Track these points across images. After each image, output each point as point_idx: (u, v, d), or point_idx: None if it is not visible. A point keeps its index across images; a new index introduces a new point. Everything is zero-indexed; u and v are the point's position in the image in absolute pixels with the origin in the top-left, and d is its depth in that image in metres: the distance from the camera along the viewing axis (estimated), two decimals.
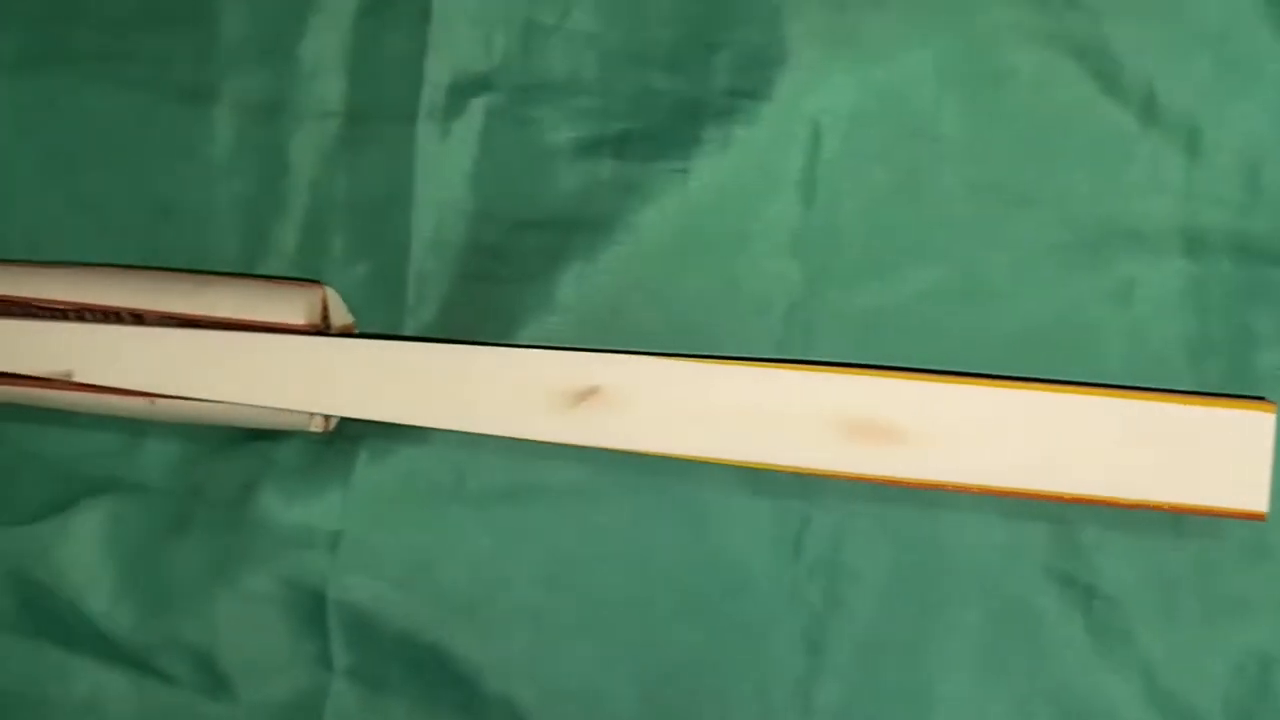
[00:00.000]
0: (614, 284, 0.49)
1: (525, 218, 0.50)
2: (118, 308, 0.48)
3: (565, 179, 0.50)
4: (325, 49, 0.52)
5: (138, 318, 0.48)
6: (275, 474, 0.51)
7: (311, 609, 0.50)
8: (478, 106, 0.50)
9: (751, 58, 0.48)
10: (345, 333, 0.49)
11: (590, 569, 0.49)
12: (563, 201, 0.50)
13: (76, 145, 0.54)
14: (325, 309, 0.49)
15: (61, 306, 0.48)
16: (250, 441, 0.52)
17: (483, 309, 0.50)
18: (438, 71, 0.51)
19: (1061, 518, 0.46)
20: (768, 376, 0.43)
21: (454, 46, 0.51)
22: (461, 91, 0.51)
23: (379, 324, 0.51)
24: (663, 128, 0.49)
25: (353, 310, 0.50)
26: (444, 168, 0.51)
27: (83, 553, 0.52)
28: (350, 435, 0.50)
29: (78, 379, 0.47)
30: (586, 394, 0.44)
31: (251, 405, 0.47)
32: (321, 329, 0.48)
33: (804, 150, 0.48)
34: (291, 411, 0.47)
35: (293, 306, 0.48)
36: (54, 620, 0.52)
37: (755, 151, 0.48)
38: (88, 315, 0.48)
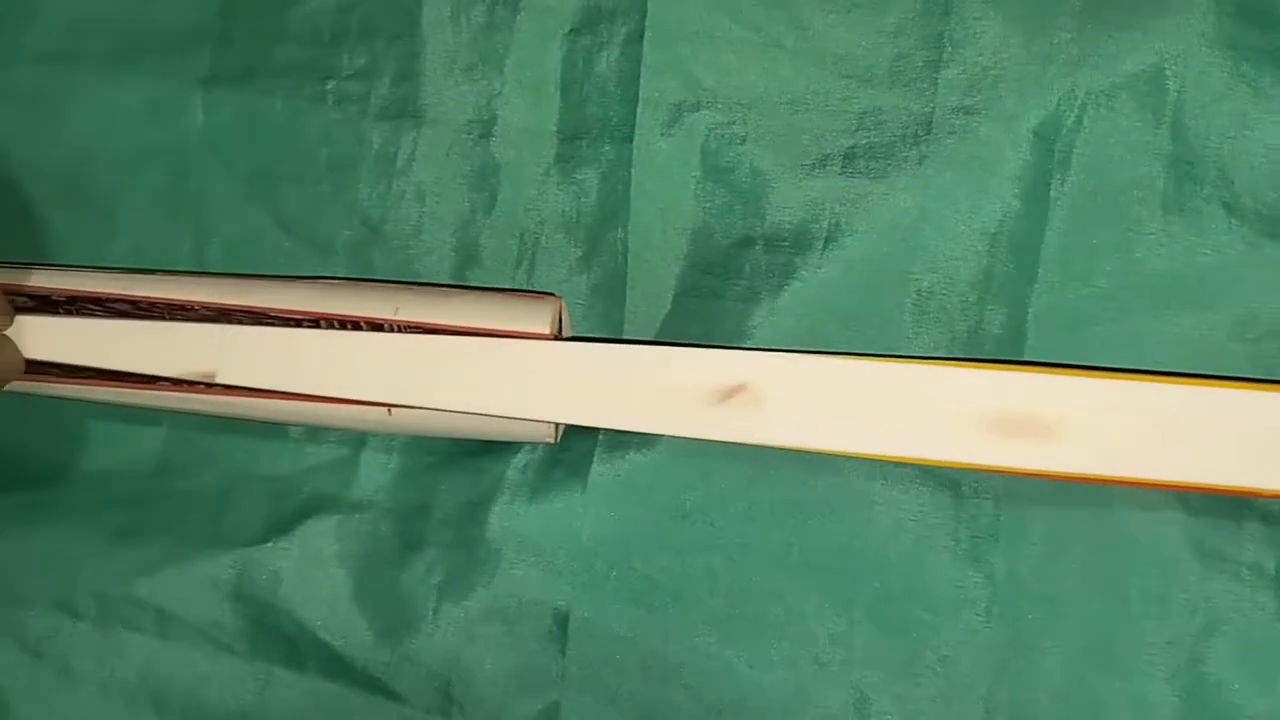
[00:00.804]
0: (840, 302, 0.50)
1: (746, 235, 0.51)
2: (356, 317, 0.48)
3: (788, 196, 0.51)
4: (535, 66, 0.53)
5: (376, 328, 0.48)
6: (507, 488, 0.51)
7: (547, 626, 0.50)
8: (696, 124, 0.51)
9: (978, 75, 0.49)
10: None
11: (829, 582, 0.49)
12: (786, 219, 0.51)
13: (281, 162, 0.54)
14: (560, 321, 0.49)
15: (297, 316, 0.49)
16: (476, 456, 0.52)
17: (703, 328, 0.51)
18: (654, 90, 0.52)
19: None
20: (911, 372, 0.44)
21: (670, 64, 0.52)
22: (678, 109, 0.51)
23: None
24: (889, 145, 0.50)
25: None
26: (662, 186, 0.51)
27: (312, 573, 0.52)
28: (578, 447, 0.50)
29: (313, 390, 0.48)
30: (733, 391, 0.45)
31: (494, 415, 0.47)
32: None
33: (1032, 167, 0.48)
34: (532, 421, 0.47)
35: (535, 317, 0.48)
36: (283, 641, 0.52)
37: (983, 168, 0.49)
38: (323, 324, 0.49)
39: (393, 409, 0.48)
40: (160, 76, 0.55)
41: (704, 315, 0.51)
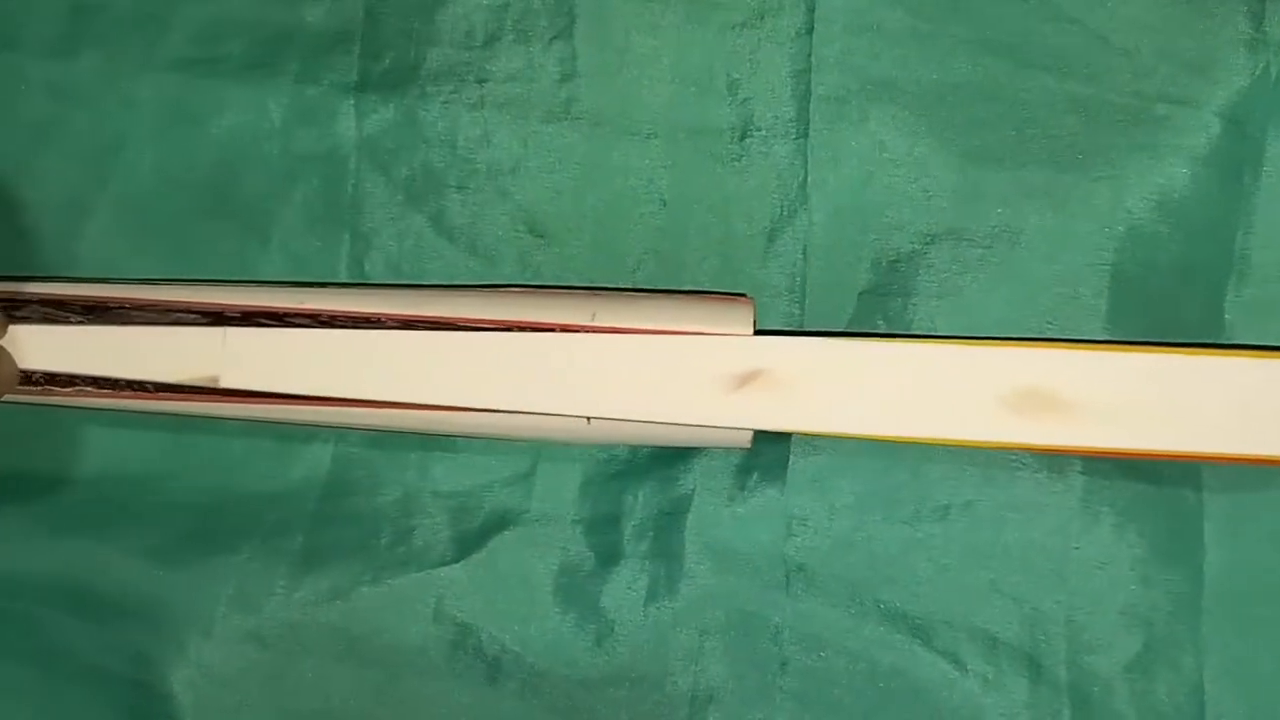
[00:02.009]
0: (1031, 293, 0.49)
1: (928, 230, 0.50)
2: (551, 324, 0.47)
3: (968, 188, 0.50)
4: (701, 64, 0.52)
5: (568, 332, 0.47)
6: (702, 496, 0.50)
7: (758, 635, 0.49)
8: (871, 117, 0.50)
9: (1162, 58, 0.49)
10: None
11: (1036, 580, 0.49)
12: (967, 212, 0.50)
13: (440, 168, 0.53)
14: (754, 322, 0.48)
15: (489, 326, 0.47)
16: (662, 464, 0.51)
17: (888, 326, 0.50)
18: (826, 84, 0.51)
19: None
20: (929, 352, 0.44)
21: (841, 58, 0.51)
22: (852, 103, 0.51)
23: None
24: (1078, 135, 0.49)
25: None
26: (839, 182, 0.51)
27: (506, 590, 0.50)
28: (770, 451, 0.49)
29: (507, 406, 0.46)
30: (751, 376, 0.44)
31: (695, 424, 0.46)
32: None
33: (1241, 160, 0.48)
34: (732, 429, 0.46)
35: (733, 318, 0.47)
36: (483, 660, 0.51)
37: (1186, 160, 0.48)
38: (514, 329, 0.47)
39: (592, 419, 0.46)
40: (307, 83, 0.53)
41: (888, 312, 0.50)
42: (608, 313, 0.47)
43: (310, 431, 0.52)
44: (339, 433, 0.52)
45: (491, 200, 0.52)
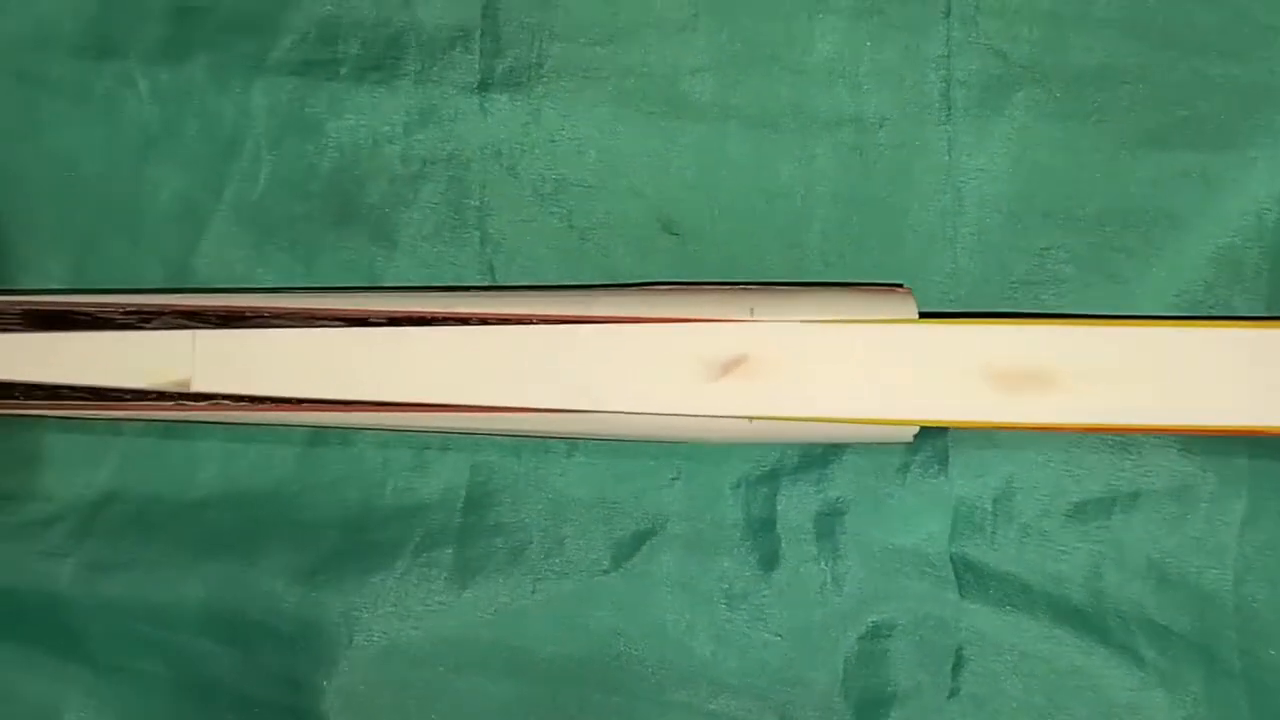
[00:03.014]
0: (1191, 279, 0.48)
1: (1077, 214, 0.49)
2: (711, 320, 0.46)
3: (1118, 173, 0.49)
4: (831, 52, 0.51)
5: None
6: (862, 496, 0.49)
7: (932, 637, 0.48)
8: (1013, 102, 0.49)
9: None
10: None
11: (1204, 569, 0.48)
12: (1118, 196, 0.49)
13: (569, 165, 0.51)
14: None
15: (653, 321, 0.46)
16: (814, 465, 0.50)
17: (1045, 309, 0.49)
18: (966, 69, 0.50)
19: None
20: (912, 332, 0.44)
21: (980, 42, 0.50)
22: (992, 88, 0.50)
23: None
24: (1228, 115, 0.49)
25: None
26: (982, 168, 0.50)
27: (672, 596, 0.49)
28: (926, 448, 0.48)
29: (670, 409, 0.45)
30: (734, 363, 0.44)
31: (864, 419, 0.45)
32: None
33: None
34: (897, 422, 0.45)
35: (898, 308, 0.46)
36: (649, 670, 0.49)
37: None
38: (660, 322, 0.46)
39: (754, 419, 0.45)
40: (427, 84, 0.51)
41: (1042, 296, 0.49)
42: (767, 307, 0.46)
43: (445, 440, 0.51)
44: (473, 441, 0.50)
45: (623, 198, 0.51)
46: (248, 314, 0.47)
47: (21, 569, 0.50)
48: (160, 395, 0.46)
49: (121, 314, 0.47)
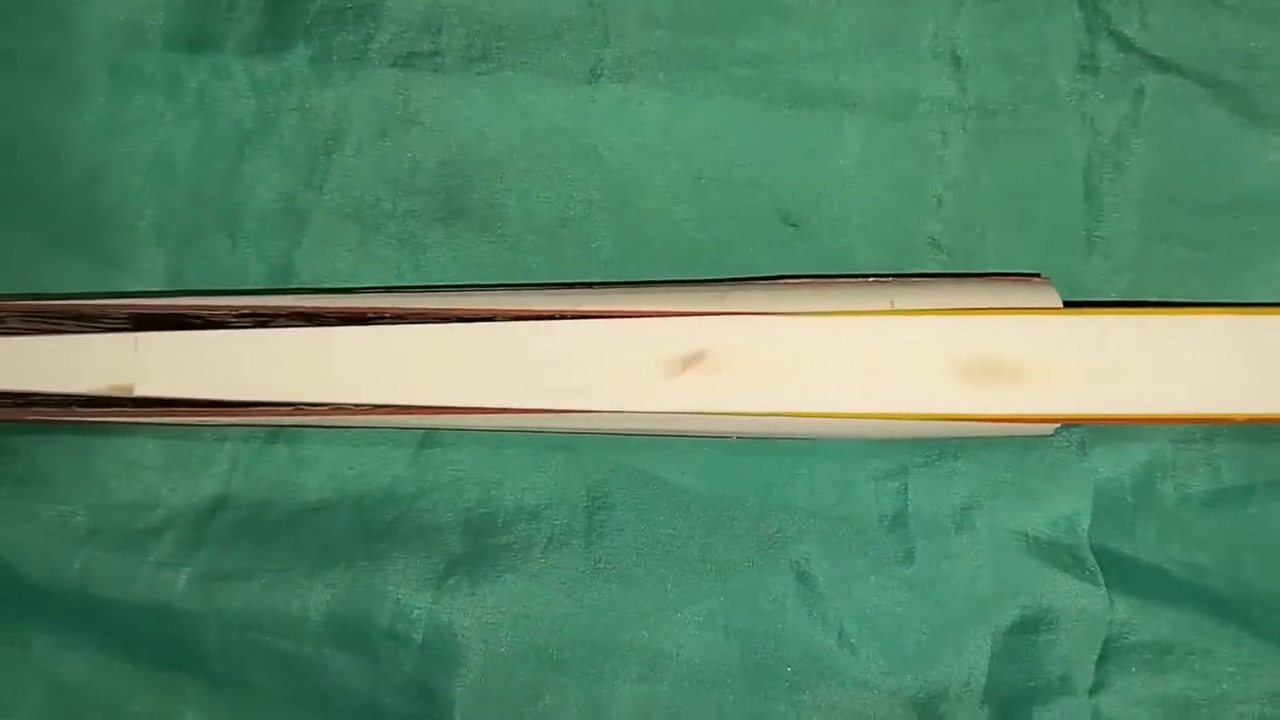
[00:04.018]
0: None
1: (1209, 199, 0.49)
2: (850, 312, 0.45)
3: (1249, 156, 0.48)
4: (948, 37, 0.49)
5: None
6: (1001, 489, 0.48)
7: (1079, 631, 0.47)
8: (1147, 87, 0.49)
9: None
10: None
11: None
12: (1253, 181, 0.48)
13: (687, 158, 0.50)
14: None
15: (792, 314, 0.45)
16: (943, 458, 0.49)
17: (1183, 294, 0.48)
18: (1087, 55, 0.49)
19: None
20: (873, 325, 0.43)
21: (1102, 27, 0.49)
22: (1117, 73, 0.49)
23: None
24: None
25: None
26: (1112, 155, 0.49)
27: (809, 594, 0.48)
28: (1058, 439, 0.48)
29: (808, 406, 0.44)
30: (694, 359, 0.43)
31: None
32: None
33: None
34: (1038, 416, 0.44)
35: (1040, 298, 0.45)
36: (788, 670, 0.48)
37: None
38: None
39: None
40: (535, 74, 0.50)
41: (1180, 282, 0.48)
42: (908, 299, 0.45)
43: (566, 440, 0.49)
44: (586, 440, 0.49)
45: (740, 189, 0.50)
46: (370, 315, 0.45)
47: (132, 579, 0.48)
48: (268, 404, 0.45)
49: (235, 316, 0.46)
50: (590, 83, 0.50)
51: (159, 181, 0.50)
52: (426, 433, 0.49)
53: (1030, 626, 0.47)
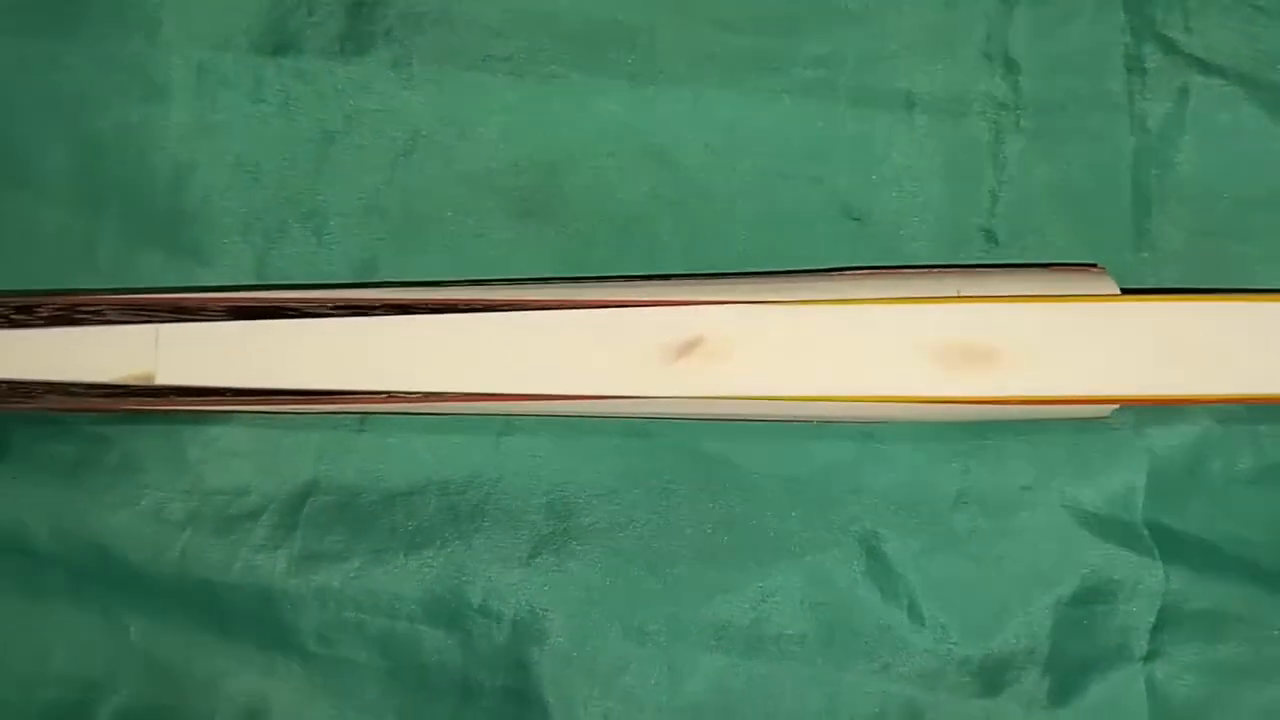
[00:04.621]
0: None
1: (1252, 195, 0.51)
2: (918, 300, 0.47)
3: None
4: (1007, 41, 0.52)
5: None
6: (1059, 470, 0.50)
7: (1134, 604, 0.50)
8: (1190, 88, 0.51)
9: None
10: None
11: None
12: None
13: (753, 156, 0.52)
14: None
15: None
16: (998, 437, 0.51)
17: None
18: (1134, 57, 0.51)
19: None
20: (862, 313, 0.46)
21: (1146, 29, 0.51)
22: (1167, 74, 0.51)
23: None
24: None
25: None
26: (1159, 152, 0.51)
27: (877, 570, 0.50)
28: (1122, 418, 0.50)
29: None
30: (690, 345, 0.46)
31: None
32: None
33: None
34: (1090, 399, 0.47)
35: (1097, 286, 0.47)
36: (858, 639, 0.50)
37: None
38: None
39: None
40: (607, 76, 0.52)
41: (1224, 272, 0.51)
42: (972, 288, 0.47)
43: (631, 425, 0.51)
44: (658, 425, 0.51)
45: (804, 185, 0.52)
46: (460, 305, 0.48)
47: (230, 562, 0.50)
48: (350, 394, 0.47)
49: (331, 308, 0.48)
50: (659, 84, 0.52)
51: (244, 181, 0.52)
52: (506, 419, 0.51)
53: (1089, 598, 0.50)
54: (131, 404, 0.48)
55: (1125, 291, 0.47)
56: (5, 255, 0.51)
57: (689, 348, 0.45)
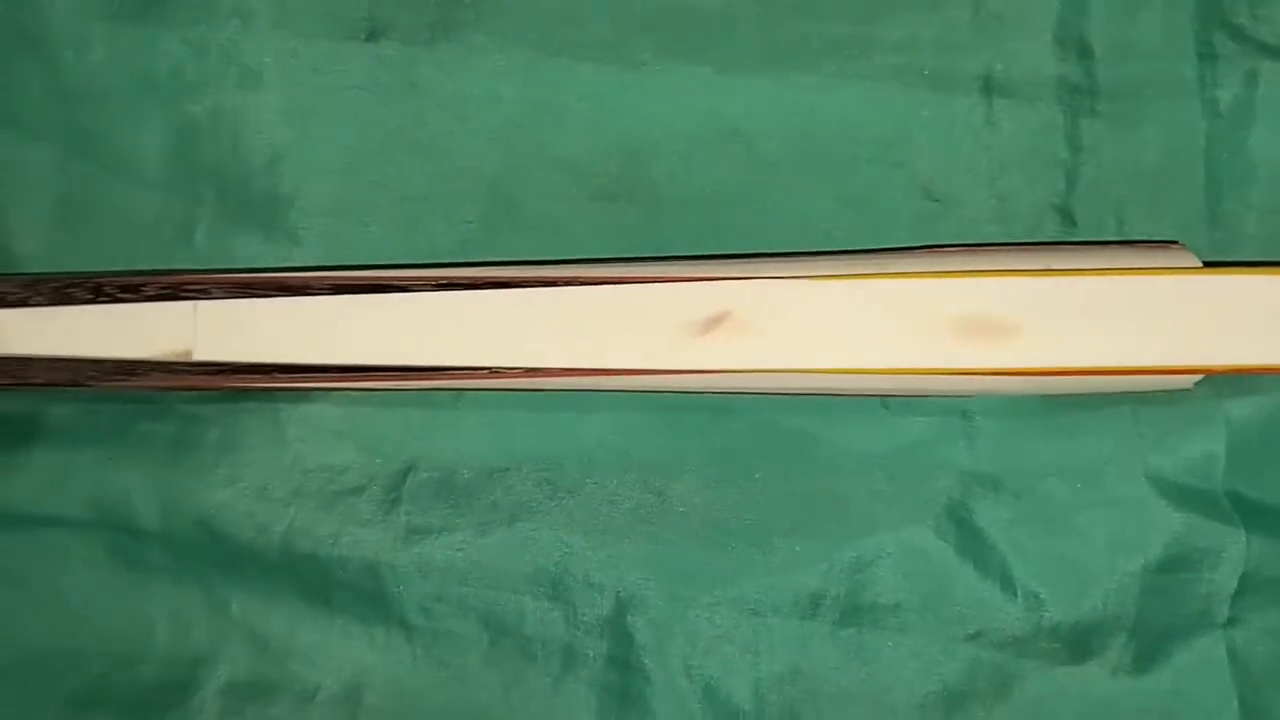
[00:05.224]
0: None
1: None
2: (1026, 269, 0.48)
3: None
4: (1080, 26, 0.53)
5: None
6: (1142, 441, 0.52)
7: (1210, 573, 0.51)
8: (1260, 73, 0.53)
9: None
10: None
11: None
12: None
13: (834, 141, 0.54)
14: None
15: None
16: (1086, 409, 0.52)
17: None
18: (1206, 41, 0.53)
19: None
20: (884, 287, 0.47)
21: (1215, 15, 0.53)
22: (1236, 60, 0.53)
23: None
24: None
25: None
26: (1230, 136, 0.53)
27: (970, 542, 0.52)
28: (1202, 388, 0.51)
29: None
30: (716, 320, 0.47)
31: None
32: None
33: None
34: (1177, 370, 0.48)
35: (1178, 257, 0.49)
36: (944, 609, 0.52)
37: None
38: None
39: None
40: (688, 62, 0.53)
41: None
42: (1063, 264, 0.49)
43: (714, 402, 0.52)
44: (749, 401, 0.52)
45: (884, 168, 0.54)
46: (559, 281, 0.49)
47: (333, 538, 0.51)
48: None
49: (433, 285, 0.49)
50: (742, 71, 0.53)
51: (337, 165, 0.53)
52: (582, 396, 0.52)
53: (1172, 566, 0.51)
54: (234, 381, 0.49)
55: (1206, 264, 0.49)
56: (107, 237, 0.52)
57: (715, 322, 0.46)
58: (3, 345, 0.48)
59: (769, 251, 0.51)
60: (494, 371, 0.48)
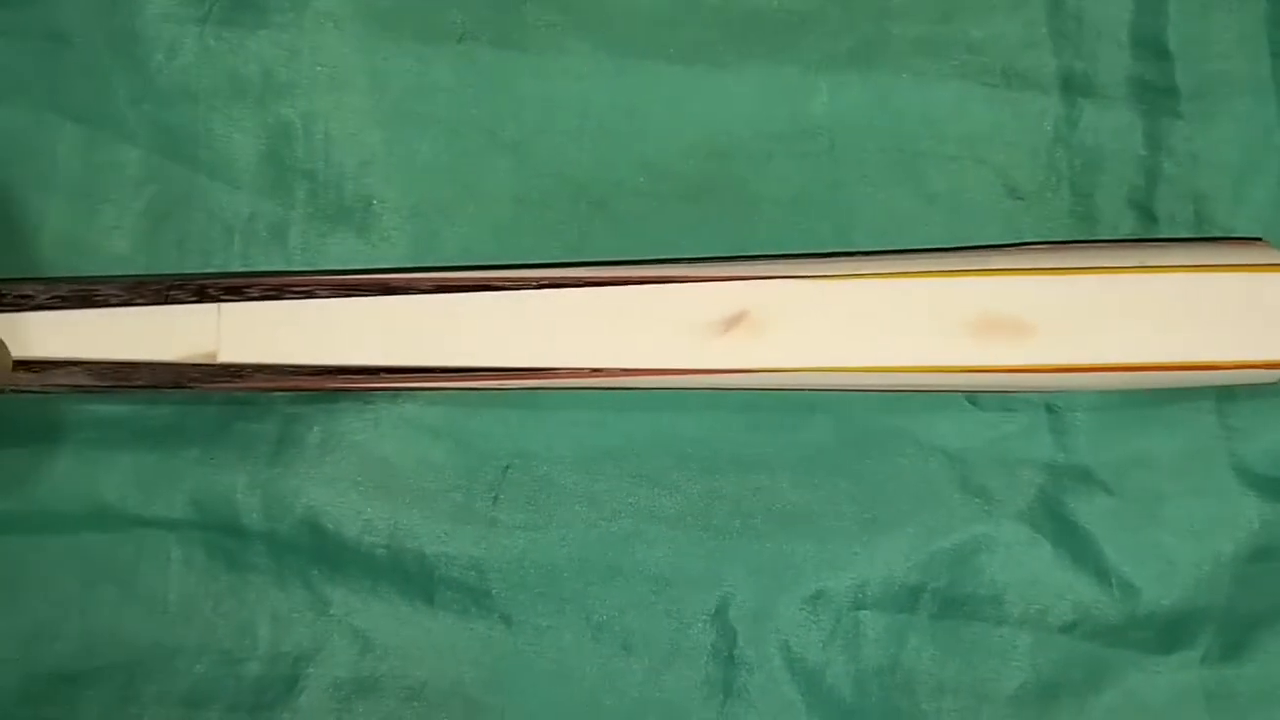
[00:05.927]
0: None
1: None
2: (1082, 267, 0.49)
3: None
4: (1152, 28, 0.55)
5: None
6: (1224, 433, 0.53)
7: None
8: None
9: None
10: None
11: None
12: None
13: (917, 139, 0.54)
14: None
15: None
16: (1167, 402, 0.53)
17: None
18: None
19: None
20: (905, 286, 0.47)
21: None
22: None
23: None
24: None
25: None
26: None
27: (1060, 533, 0.52)
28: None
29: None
30: (735, 320, 0.47)
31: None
32: None
33: None
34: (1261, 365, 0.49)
35: (1264, 257, 0.50)
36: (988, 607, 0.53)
37: None
38: None
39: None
40: (773, 63, 0.54)
41: None
42: (1152, 258, 0.50)
43: (791, 399, 0.53)
44: (830, 398, 0.53)
45: (967, 165, 0.54)
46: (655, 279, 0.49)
47: (433, 534, 0.52)
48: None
49: (534, 284, 0.49)
50: (826, 71, 0.54)
51: (423, 166, 0.54)
52: (674, 396, 0.53)
53: (1261, 555, 0.52)
54: (337, 382, 0.49)
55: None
56: (201, 238, 0.53)
57: (734, 322, 0.47)
58: (94, 349, 0.48)
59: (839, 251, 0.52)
60: (596, 371, 0.49)
